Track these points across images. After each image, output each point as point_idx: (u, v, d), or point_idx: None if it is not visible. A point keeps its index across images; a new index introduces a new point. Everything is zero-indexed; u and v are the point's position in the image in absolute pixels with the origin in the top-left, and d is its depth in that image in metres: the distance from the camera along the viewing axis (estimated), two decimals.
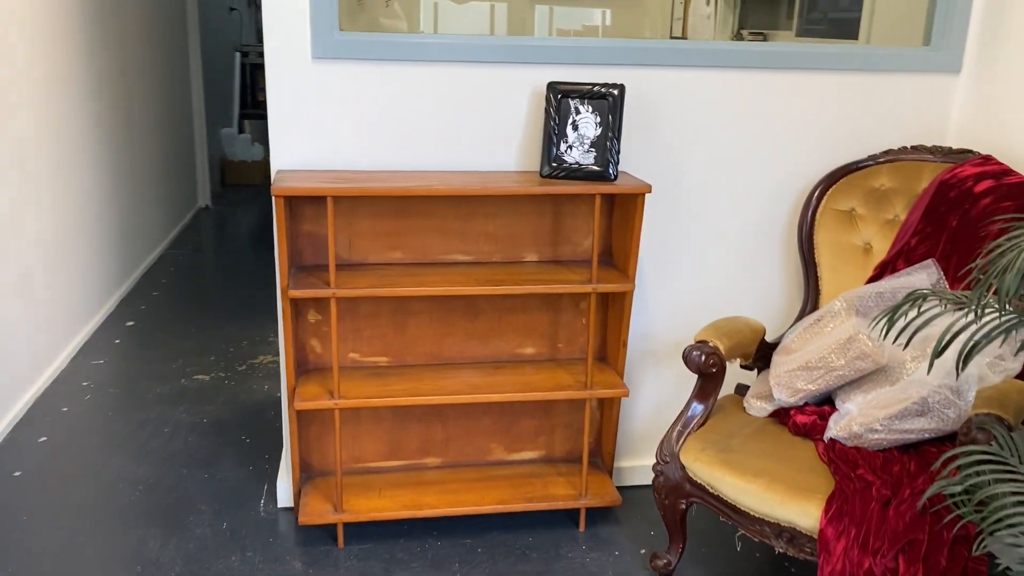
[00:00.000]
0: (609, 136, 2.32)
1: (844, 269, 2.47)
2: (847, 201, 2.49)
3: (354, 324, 2.49)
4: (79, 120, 3.91)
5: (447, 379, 2.46)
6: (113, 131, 4.43)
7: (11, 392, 3.12)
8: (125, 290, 4.52)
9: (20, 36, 3.23)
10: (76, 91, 3.86)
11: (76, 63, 3.87)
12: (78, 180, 3.89)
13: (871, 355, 2.09)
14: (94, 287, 4.06)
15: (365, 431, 2.59)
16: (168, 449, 2.96)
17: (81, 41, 3.94)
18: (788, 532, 1.96)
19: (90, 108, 4.06)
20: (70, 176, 3.78)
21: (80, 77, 3.92)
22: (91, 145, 4.07)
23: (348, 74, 2.33)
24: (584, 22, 5.59)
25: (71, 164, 3.80)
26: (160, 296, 4.53)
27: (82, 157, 3.95)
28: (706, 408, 2.23)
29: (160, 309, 4.33)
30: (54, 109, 3.59)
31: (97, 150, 4.16)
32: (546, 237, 2.52)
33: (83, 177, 3.95)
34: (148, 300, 4.46)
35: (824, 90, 2.53)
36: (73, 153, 3.82)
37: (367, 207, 2.41)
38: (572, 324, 2.60)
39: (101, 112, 4.23)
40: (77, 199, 3.87)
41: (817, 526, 1.89)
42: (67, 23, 3.76)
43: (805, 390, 2.17)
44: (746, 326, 2.35)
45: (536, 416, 2.67)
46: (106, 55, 4.32)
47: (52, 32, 3.57)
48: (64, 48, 3.71)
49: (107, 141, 4.32)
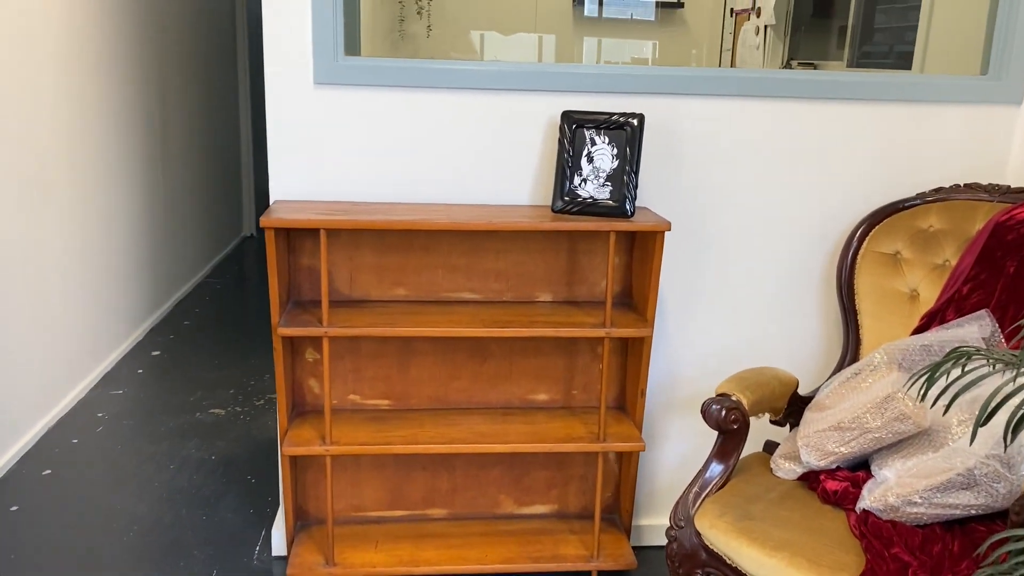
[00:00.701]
0: (627, 169, 2.15)
1: (887, 318, 2.25)
2: (892, 243, 2.27)
3: (355, 364, 2.36)
4: (111, 146, 3.89)
5: (451, 426, 2.30)
6: (148, 158, 4.42)
7: (20, 423, 3.06)
8: (157, 318, 4.48)
9: (49, 53, 3.21)
10: (108, 116, 3.85)
11: (109, 86, 3.86)
12: (107, 207, 3.86)
13: (911, 417, 1.86)
14: (121, 315, 4.02)
15: (365, 478, 2.44)
16: (171, 487, 2.85)
17: (116, 63, 3.93)
18: None
19: (123, 133, 4.05)
20: (98, 203, 3.75)
21: (113, 102, 3.91)
22: (123, 172, 4.05)
23: (352, 101, 2.22)
24: (633, 54, 5.46)
25: (100, 191, 3.77)
26: (191, 325, 4.47)
27: (112, 184, 3.92)
28: (726, 468, 2.02)
29: (189, 339, 4.27)
30: (82, 133, 3.57)
31: (129, 177, 4.14)
32: (560, 276, 2.35)
33: (112, 204, 3.93)
34: (178, 329, 4.41)
35: (869, 122, 2.32)
36: (103, 180, 3.80)
37: (369, 241, 2.28)
38: (589, 369, 2.42)
39: (135, 138, 4.21)
40: (105, 226, 3.84)
41: None
42: (100, 41, 3.75)
43: (837, 453, 1.95)
44: (775, 378, 2.14)
45: (549, 467, 2.49)
46: (143, 79, 4.32)
47: (84, 50, 3.56)
48: (96, 68, 3.70)
49: (141, 168, 4.30)
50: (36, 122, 3.14)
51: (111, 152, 3.89)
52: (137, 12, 4.18)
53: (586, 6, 5.34)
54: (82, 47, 3.54)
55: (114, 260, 3.94)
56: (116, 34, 3.92)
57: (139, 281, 4.27)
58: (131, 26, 4.11)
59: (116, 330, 3.96)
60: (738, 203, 2.36)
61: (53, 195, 3.30)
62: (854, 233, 2.29)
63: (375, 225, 2.05)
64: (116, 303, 3.96)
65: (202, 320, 4.56)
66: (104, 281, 3.82)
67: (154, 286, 4.50)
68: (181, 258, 4.97)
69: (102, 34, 3.75)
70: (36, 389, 3.17)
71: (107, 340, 3.85)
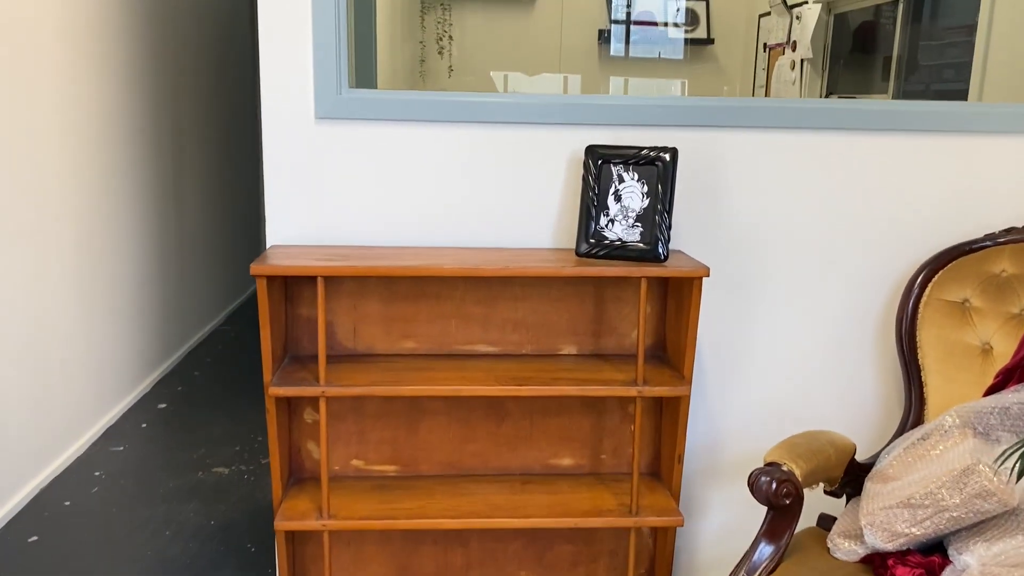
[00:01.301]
0: (658, 208, 1.93)
1: (956, 375, 1.99)
2: (959, 290, 2.02)
3: (358, 425, 2.13)
4: (117, 188, 3.74)
5: (464, 496, 2.06)
6: (158, 206, 4.27)
7: (8, 486, 2.85)
8: (166, 369, 4.29)
9: (55, 86, 3.07)
10: (115, 153, 3.70)
11: (117, 122, 3.72)
12: (112, 251, 3.69)
13: (996, 494, 1.59)
14: (127, 365, 3.83)
15: (369, 554, 2.20)
16: (163, 555, 2.62)
17: (128, 103, 3.80)
18: None
19: (131, 176, 3.90)
20: (102, 247, 3.59)
21: (122, 141, 3.77)
22: (130, 221, 3.90)
23: (356, 136, 2.02)
24: (662, 92, 5.27)
25: (104, 236, 3.61)
26: (200, 376, 4.28)
27: (119, 229, 3.76)
28: (777, 549, 1.76)
29: (197, 391, 4.07)
30: (85, 171, 3.42)
31: (137, 222, 3.98)
32: (586, 326, 2.12)
33: (118, 249, 3.76)
34: (187, 380, 4.21)
35: (927, 155, 2.09)
36: (108, 223, 3.64)
37: (375, 289, 2.07)
38: (619, 431, 2.17)
39: (144, 186, 4.07)
40: (109, 271, 3.67)
41: None
42: (112, 76, 3.62)
43: (907, 535, 1.68)
44: (830, 444, 1.88)
45: (575, 541, 2.23)
46: (155, 119, 4.19)
47: (92, 84, 3.42)
48: (105, 105, 3.57)
49: (150, 216, 4.15)
50: (37, 158, 2.99)
51: (117, 195, 3.74)
52: (154, 49, 4.07)
53: (612, 45, 5.18)
54: (91, 78, 3.41)
55: (119, 307, 3.77)
56: (132, 70, 3.79)
57: (147, 329, 4.09)
58: (146, 59, 3.99)
59: (120, 381, 3.77)
60: (783, 246, 2.12)
61: (52, 238, 3.14)
62: (915, 278, 2.04)
63: (378, 271, 1.84)
64: (121, 352, 3.78)
65: (213, 370, 4.37)
66: (108, 330, 3.65)
67: (163, 334, 4.32)
68: (193, 305, 4.80)
69: (115, 70, 3.63)
70: (28, 448, 2.98)
71: (111, 392, 3.66)
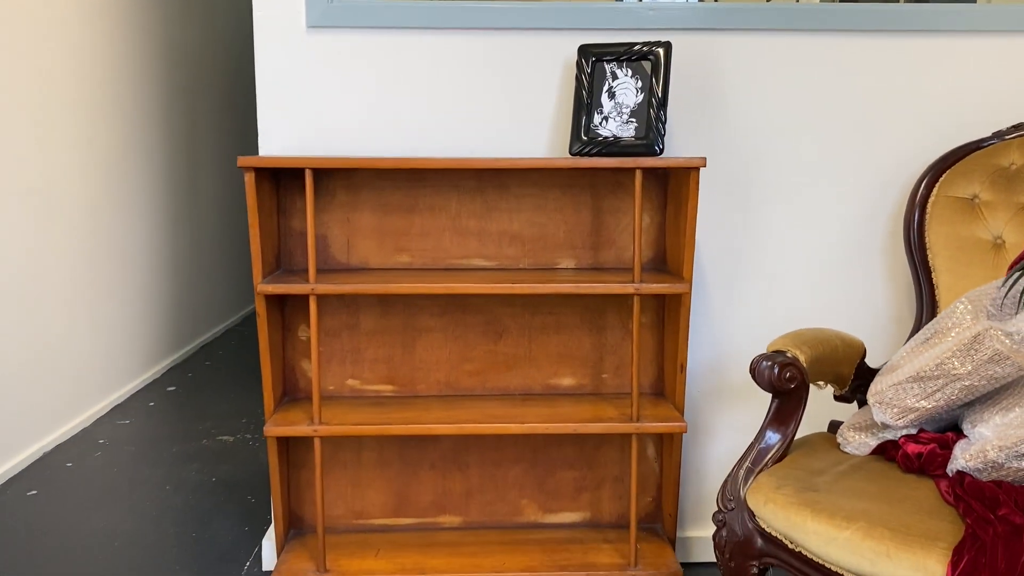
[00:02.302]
0: (653, 103, 1.89)
1: (968, 272, 1.91)
2: (967, 187, 1.95)
3: (353, 343, 2.09)
4: (131, 183, 3.76)
5: (461, 409, 2.00)
6: (171, 205, 4.29)
7: (10, 447, 2.82)
8: (177, 358, 4.28)
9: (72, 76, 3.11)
10: (128, 153, 3.74)
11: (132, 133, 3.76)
12: (122, 243, 3.70)
13: (1010, 356, 1.51)
14: (136, 351, 3.82)
15: (367, 479, 2.14)
16: (163, 506, 2.57)
17: (144, 101, 3.84)
18: None
19: (147, 179, 3.93)
20: (113, 238, 3.60)
21: (135, 145, 3.81)
22: (142, 216, 3.92)
23: (348, 45, 2.01)
24: None
25: (115, 228, 3.62)
26: (212, 366, 4.26)
27: (131, 224, 3.78)
28: (784, 438, 1.68)
29: (207, 377, 4.05)
30: (97, 167, 3.44)
31: (149, 219, 4.00)
32: (584, 239, 2.07)
33: (129, 242, 3.78)
34: (198, 369, 4.19)
35: (934, 57, 2.04)
36: (120, 217, 3.66)
37: (368, 200, 2.04)
38: (620, 349, 2.11)
39: (158, 182, 4.10)
40: (119, 261, 3.68)
41: None
42: (126, 71, 3.67)
43: (918, 409, 1.60)
44: (837, 337, 1.81)
45: (577, 466, 2.16)
46: (168, 132, 4.23)
47: (107, 82, 3.47)
48: (120, 103, 3.61)
49: (164, 214, 4.17)
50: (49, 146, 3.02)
51: (130, 186, 3.77)
52: (170, 46, 4.13)
53: None
54: (105, 75, 3.46)
55: (130, 296, 3.77)
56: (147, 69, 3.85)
57: (157, 320, 4.09)
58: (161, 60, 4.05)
59: (130, 363, 3.75)
60: (787, 153, 2.07)
61: (60, 223, 3.15)
62: (923, 178, 1.97)
63: (366, 163, 1.81)
64: (131, 337, 3.77)
65: (225, 362, 4.34)
66: (116, 315, 3.64)
67: (175, 327, 4.31)
68: (208, 301, 4.80)
69: (128, 65, 3.68)
70: (31, 414, 2.95)
71: (118, 374, 3.64)
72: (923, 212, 1.96)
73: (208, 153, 4.81)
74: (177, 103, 4.32)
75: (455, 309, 2.09)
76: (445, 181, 2.04)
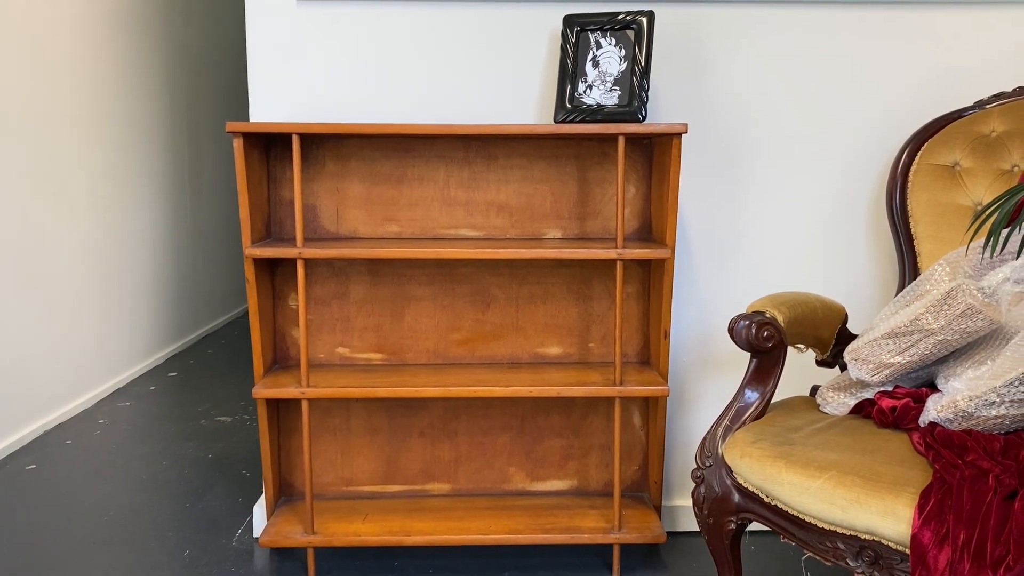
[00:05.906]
0: (636, 71, 1.92)
1: (949, 238, 1.93)
2: (948, 154, 1.97)
3: (342, 312, 2.12)
4: (133, 179, 3.81)
5: (449, 375, 2.03)
6: (176, 196, 4.34)
7: (12, 425, 2.87)
8: (179, 347, 4.32)
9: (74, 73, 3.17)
10: (131, 141, 3.79)
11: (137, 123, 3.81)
12: (126, 232, 3.75)
13: (982, 311, 1.53)
14: (138, 337, 3.86)
15: (356, 447, 2.17)
16: (158, 479, 2.60)
17: (145, 91, 3.90)
18: (871, 548, 1.38)
19: (152, 170, 3.98)
20: (116, 226, 3.65)
21: (137, 142, 3.86)
22: (145, 208, 3.97)
23: (338, 17, 2.05)
24: None
25: (125, 223, 3.67)
26: (214, 354, 4.30)
27: (137, 217, 3.83)
28: (762, 396, 1.71)
29: (208, 364, 4.09)
30: (110, 162, 3.49)
31: (155, 214, 4.05)
32: (571, 209, 2.10)
33: (134, 231, 3.82)
34: (200, 357, 4.23)
35: (916, 28, 2.07)
36: (127, 211, 3.71)
37: (357, 170, 2.07)
38: (606, 319, 2.14)
39: (163, 173, 4.15)
40: (122, 248, 3.72)
41: (908, 531, 1.32)
42: (126, 60, 3.72)
43: (892, 364, 1.62)
44: (817, 301, 1.83)
45: (564, 435, 2.18)
46: (172, 121, 4.29)
47: (110, 66, 3.52)
48: (122, 88, 3.66)
49: (168, 206, 4.22)
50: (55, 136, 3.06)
51: (132, 182, 3.82)
52: (172, 45, 4.19)
53: None
54: (109, 64, 3.51)
55: (132, 282, 3.81)
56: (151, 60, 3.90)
57: (160, 309, 4.13)
58: (164, 57, 4.10)
59: (132, 351, 3.79)
60: (768, 126, 2.10)
61: (67, 211, 3.20)
62: (904, 148, 2.00)
63: (352, 129, 1.84)
64: (133, 325, 3.81)
65: (226, 351, 4.39)
66: (120, 303, 3.69)
67: (178, 315, 4.36)
68: (211, 292, 4.84)
69: (132, 56, 3.73)
70: (31, 395, 3.00)
71: (120, 359, 3.68)
72: (905, 180, 1.98)
73: (212, 143, 4.87)
74: (181, 93, 4.38)
75: (444, 279, 2.12)
76: (433, 152, 2.07)
